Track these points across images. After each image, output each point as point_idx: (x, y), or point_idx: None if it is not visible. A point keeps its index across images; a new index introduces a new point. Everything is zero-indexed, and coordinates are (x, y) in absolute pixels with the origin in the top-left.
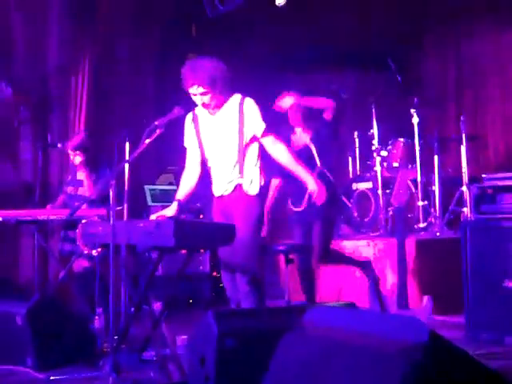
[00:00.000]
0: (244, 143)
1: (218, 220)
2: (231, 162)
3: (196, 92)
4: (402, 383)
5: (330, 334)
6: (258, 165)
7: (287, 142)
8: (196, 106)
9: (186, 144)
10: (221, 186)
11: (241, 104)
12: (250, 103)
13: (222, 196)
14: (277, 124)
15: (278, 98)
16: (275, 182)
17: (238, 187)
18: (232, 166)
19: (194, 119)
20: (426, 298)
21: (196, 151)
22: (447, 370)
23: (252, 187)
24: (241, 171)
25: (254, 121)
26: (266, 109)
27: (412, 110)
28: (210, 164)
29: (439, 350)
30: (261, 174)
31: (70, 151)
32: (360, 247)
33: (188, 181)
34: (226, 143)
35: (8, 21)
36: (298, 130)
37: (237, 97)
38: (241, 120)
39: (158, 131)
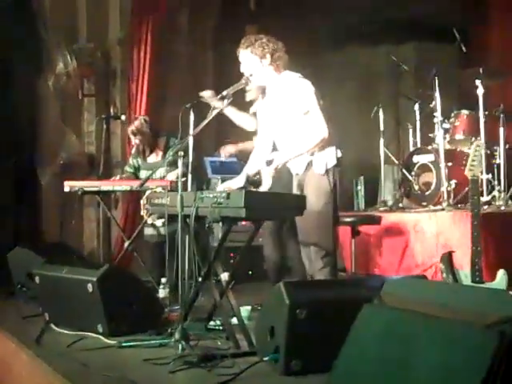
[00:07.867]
0: (298, 121)
1: None
2: (293, 141)
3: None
4: (493, 359)
5: (412, 306)
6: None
7: None
8: None
9: (258, 121)
10: (292, 165)
11: (290, 82)
12: (299, 81)
13: (297, 174)
14: None
15: None
16: None
17: (309, 165)
18: (295, 144)
19: (263, 96)
20: (500, 272)
21: (265, 128)
22: None
23: (321, 164)
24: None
25: (302, 98)
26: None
27: (477, 81)
28: (277, 143)
29: None
30: (329, 150)
31: (129, 135)
32: (421, 220)
33: (257, 156)
34: (283, 121)
35: None
36: None
37: (288, 74)
38: (290, 97)
39: (226, 101)
